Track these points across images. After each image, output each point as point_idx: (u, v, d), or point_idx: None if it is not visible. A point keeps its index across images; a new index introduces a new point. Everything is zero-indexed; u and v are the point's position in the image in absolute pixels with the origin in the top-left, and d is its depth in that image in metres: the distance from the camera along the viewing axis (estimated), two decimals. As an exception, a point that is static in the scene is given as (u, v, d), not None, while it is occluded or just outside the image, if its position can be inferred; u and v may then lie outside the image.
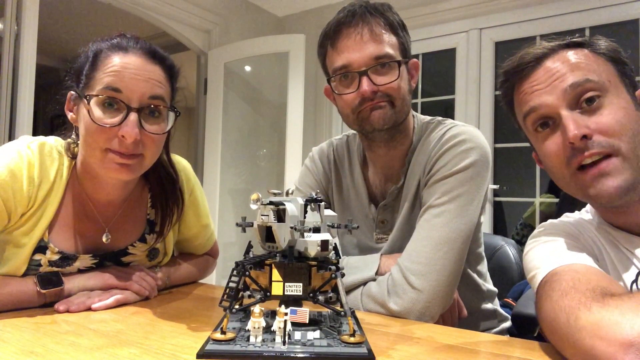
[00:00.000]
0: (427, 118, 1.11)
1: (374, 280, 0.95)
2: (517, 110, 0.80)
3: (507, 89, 0.82)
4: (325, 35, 1.02)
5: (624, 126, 0.69)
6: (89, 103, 0.85)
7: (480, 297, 1.14)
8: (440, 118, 1.10)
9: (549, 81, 0.73)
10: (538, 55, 0.76)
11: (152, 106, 0.88)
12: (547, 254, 0.75)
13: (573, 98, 0.71)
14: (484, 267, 1.18)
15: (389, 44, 0.97)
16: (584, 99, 0.71)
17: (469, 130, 1.01)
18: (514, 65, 0.78)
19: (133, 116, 0.85)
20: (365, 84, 0.96)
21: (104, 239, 0.98)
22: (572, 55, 0.74)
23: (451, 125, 1.04)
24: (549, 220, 0.87)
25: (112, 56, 0.87)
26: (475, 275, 1.13)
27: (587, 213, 0.86)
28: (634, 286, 0.71)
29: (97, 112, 0.85)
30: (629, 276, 0.72)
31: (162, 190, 1.05)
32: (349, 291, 0.95)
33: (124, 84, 0.85)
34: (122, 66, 0.86)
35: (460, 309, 1.02)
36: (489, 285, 1.18)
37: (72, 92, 0.92)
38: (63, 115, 0.95)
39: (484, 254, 1.18)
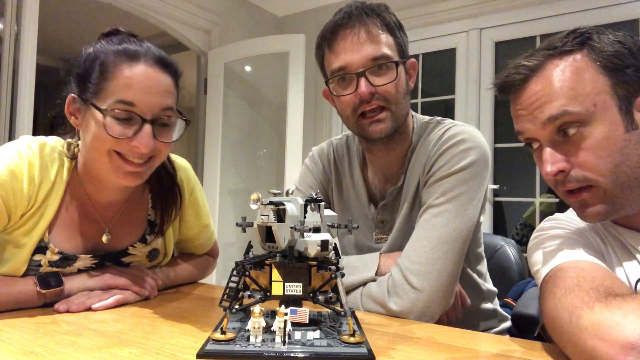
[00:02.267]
0: (426, 118, 1.11)
1: (374, 280, 0.95)
2: None
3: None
4: (322, 37, 1.02)
5: (603, 160, 0.67)
6: (104, 116, 0.85)
7: (480, 296, 1.14)
8: (439, 118, 1.09)
9: (530, 108, 0.72)
10: (522, 77, 0.73)
11: (165, 118, 0.89)
12: (552, 248, 0.75)
13: (552, 130, 0.70)
14: (483, 267, 1.18)
15: (386, 45, 0.97)
16: (562, 131, 0.70)
17: (468, 130, 1.01)
18: (503, 82, 0.77)
19: (147, 128, 0.86)
20: (363, 85, 0.95)
21: (103, 239, 0.98)
22: (557, 72, 0.70)
23: (450, 125, 1.04)
24: (555, 214, 0.86)
25: (123, 66, 0.86)
26: (475, 275, 1.13)
27: None
28: (639, 285, 0.71)
29: (111, 124, 0.85)
30: (633, 274, 0.72)
31: (161, 189, 1.06)
32: (348, 291, 0.95)
33: (138, 97, 0.85)
34: (135, 78, 0.86)
35: (463, 299, 1.02)
36: (488, 285, 1.18)
37: (74, 95, 0.90)
38: (62, 116, 0.94)
39: (483, 254, 1.18)
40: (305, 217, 0.69)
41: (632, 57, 0.69)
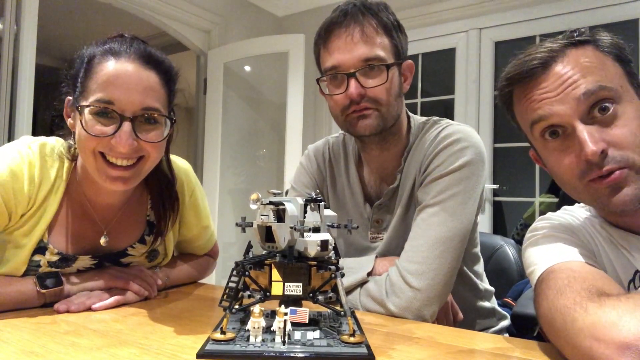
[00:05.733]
0: (423, 118, 1.11)
1: (367, 281, 0.95)
2: (522, 117, 0.77)
3: (508, 93, 0.78)
4: (318, 34, 1.02)
5: (638, 137, 0.67)
6: (81, 114, 0.84)
7: (477, 295, 1.14)
8: (436, 118, 1.09)
9: (560, 89, 0.69)
10: (544, 59, 0.71)
11: (146, 115, 0.86)
12: (544, 249, 0.75)
13: (586, 107, 0.68)
14: (480, 267, 1.19)
15: (380, 46, 0.96)
16: (598, 108, 0.67)
17: (464, 129, 1.01)
18: (519, 71, 0.74)
19: (126, 126, 0.83)
20: (353, 87, 0.95)
21: (101, 242, 0.97)
22: (581, 56, 0.70)
23: (446, 125, 1.04)
24: (548, 213, 0.86)
25: (105, 63, 0.84)
26: (471, 275, 1.13)
27: (582, 208, 0.85)
28: (632, 285, 0.71)
29: (91, 121, 0.83)
30: (626, 275, 0.72)
31: (160, 193, 1.05)
32: (347, 292, 0.95)
33: (117, 95, 0.83)
34: (115, 75, 0.83)
35: (455, 312, 1.02)
36: (485, 284, 1.18)
37: (70, 98, 0.90)
38: (60, 116, 0.94)
39: (480, 254, 1.18)
40: (305, 217, 0.69)
41: (629, 54, 0.72)
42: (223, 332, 0.64)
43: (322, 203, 0.72)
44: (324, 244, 0.67)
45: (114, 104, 0.83)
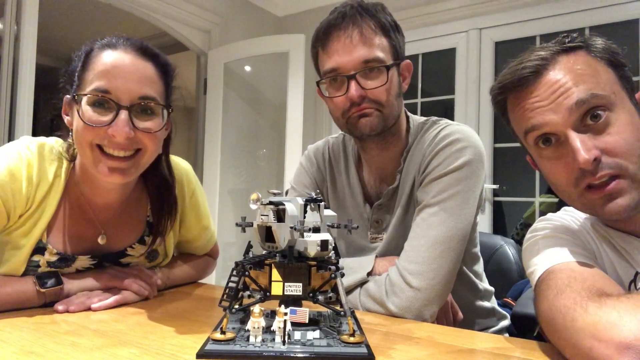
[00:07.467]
0: (422, 118, 1.11)
1: (366, 281, 0.95)
2: (516, 124, 0.77)
3: (502, 101, 0.78)
4: (316, 36, 1.02)
5: (632, 145, 0.66)
6: (79, 103, 0.85)
7: (477, 294, 1.14)
8: (435, 118, 1.09)
9: (552, 97, 0.69)
10: (535, 67, 0.71)
11: (142, 104, 0.87)
12: (545, 250, 0.75)
13: (579, 116, 0.67)
14: (479, 267, 1.19)
15: (379, 47, 0.96)
16: (590, 115, 0.67)
17: (463, 129, 1.01)
18: (512, 79, 0.73)
19: (123, 114, 0.84)
20: (354, 89, 0.95)
21: (99, 241, 0.97)
22: (572, 63, 0.70)
23: (445, 125, 1.04)
24: (548, 214, 0.86)
25: (102, 54, 0.86)
26: (471, 274, 1.13)
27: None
28: (632, 287, 0.71)
29: (88, 111, 0.84)
30: (626, 276, 0.72)
31: (159, 194, 1.04)
32: (347, 292, 0.95)
33: (113, 84, 0.84)
34: (112, 65, 0.85)
35: (455, 312, 1.02)
36: (485, 284, 1.18)
37: (68, 96, 0.91)
38: (59, 116, 0.94)
39: (480, 254, 1.18)
40: (305, 217, 0.70)
41: (622, 58, 0.72)
42: (223, 332, 0.64)
43: (322, 203, 0.72)
44: (324, 244, 0.68)
45: (110, 92, 0.84)
